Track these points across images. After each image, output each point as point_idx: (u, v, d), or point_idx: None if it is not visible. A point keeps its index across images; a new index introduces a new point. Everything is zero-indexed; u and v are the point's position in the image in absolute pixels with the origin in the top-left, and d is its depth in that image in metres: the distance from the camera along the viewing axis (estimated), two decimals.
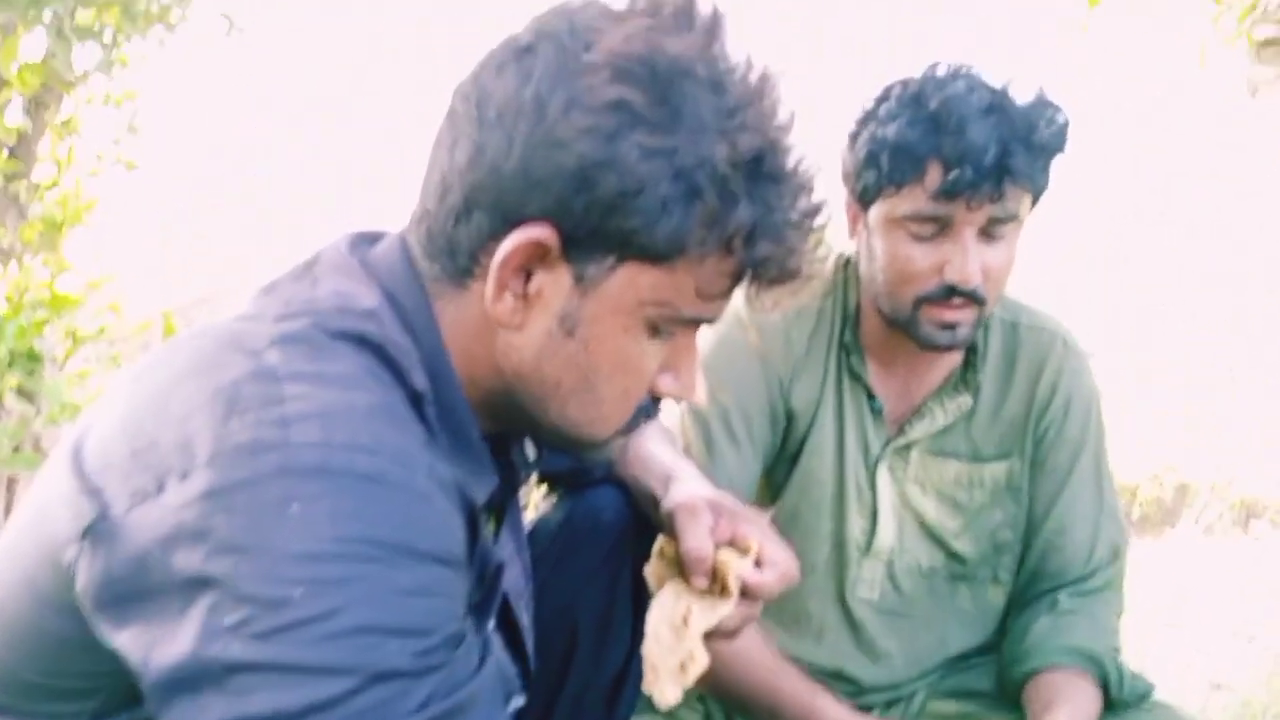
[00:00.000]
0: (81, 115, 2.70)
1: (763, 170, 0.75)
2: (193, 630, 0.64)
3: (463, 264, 0.79)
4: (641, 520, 1.17)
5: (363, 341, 0.75)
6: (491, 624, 0.93)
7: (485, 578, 0.86)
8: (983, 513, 1.49)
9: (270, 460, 0.65)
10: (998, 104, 1.27)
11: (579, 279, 0.77)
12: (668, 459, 1.19)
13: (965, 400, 1.46)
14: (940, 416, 1.46)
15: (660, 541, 1.04)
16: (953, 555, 1.50)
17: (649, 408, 0.90)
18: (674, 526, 1.02)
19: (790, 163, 0.78)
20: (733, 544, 1.01)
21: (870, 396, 1.48)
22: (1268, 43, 2.69)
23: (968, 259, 1.28)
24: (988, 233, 1.30)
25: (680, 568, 1.01)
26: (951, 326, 1.34)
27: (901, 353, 1.46)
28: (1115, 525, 1.50)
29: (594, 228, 0.74)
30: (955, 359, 1.47)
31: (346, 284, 0.80)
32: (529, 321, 0.79)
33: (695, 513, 1.01)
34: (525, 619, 1.02)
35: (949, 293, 1.31)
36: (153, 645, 0.65)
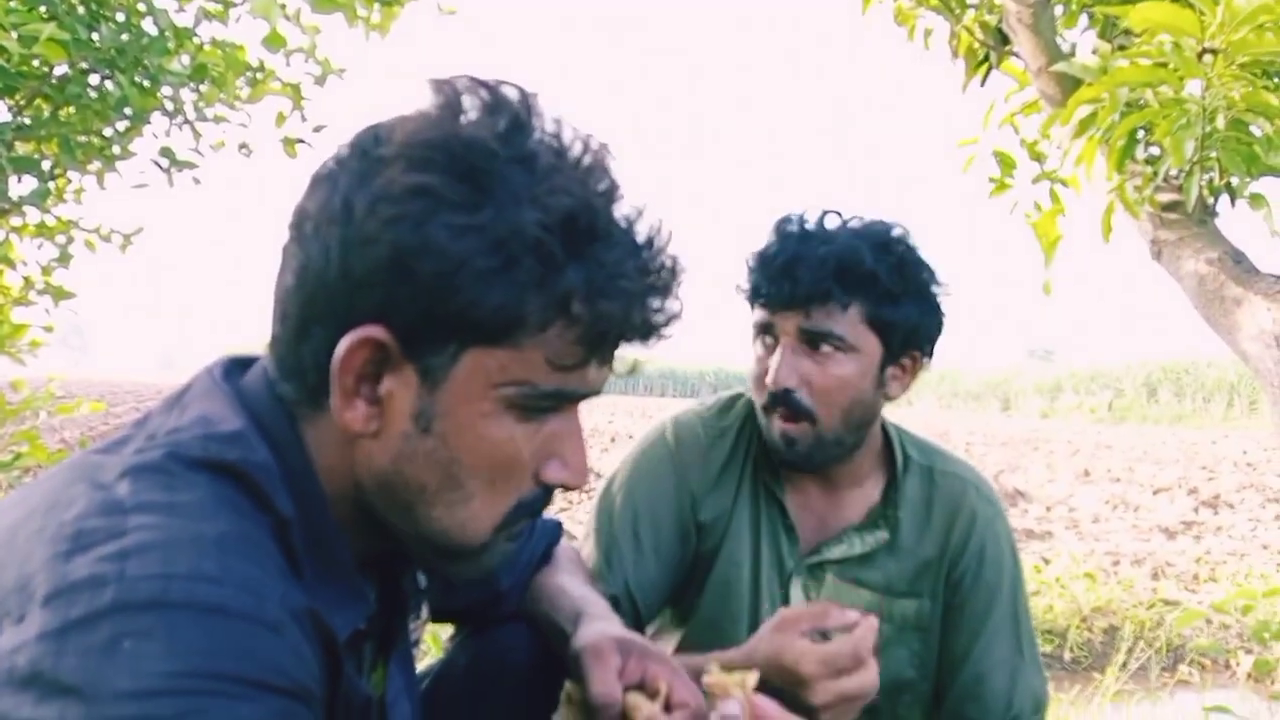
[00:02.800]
0: (14, 244, 2.70)
1: (581, 229, 0.75)
2: None
3: (312, 381, 0.78)
4: (552, 658, 1.14)
5: (222, 469, 0.74)
6: None
7: (351, 715, 0.81)
8: (888, 647, 1.49)
9: (105, 596, 0.62)
10: (816, 231, 1.39)
11: (425, 374, 0.76)
12: (577, 593, 1.18)
13: (883, 535, 1.49)
14: (859, 545, 1.49)
15: (567, 687, 1.02)
16: None
17: (538, 501, 0.85)
18: (580, 669, 0.99)
19: (616, 220, 0.77)
20: (642, 686, 0.98)
21: (784, 513, 1.50)
22: (1169, 206, 2.85)
23: (779, 364, 1.37)
24: (807, 345, 1.38)
25: (588, 713, 0.97)
26: (790, 440, 1.40)
27: (814, 484, 1.50)
28: (1037, 677, 1.50)
29: (424, 316, 0.74)
30: (872, 496, 1.51)
31: (212, 409, 0.79)
32: (385, 427, 0.78)
33: (602, 655, 0.98)
34: None
35: (774, 400, 1.39)
36: None
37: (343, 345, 0.75)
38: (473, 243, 0.73)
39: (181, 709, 0.61)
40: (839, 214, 1.44)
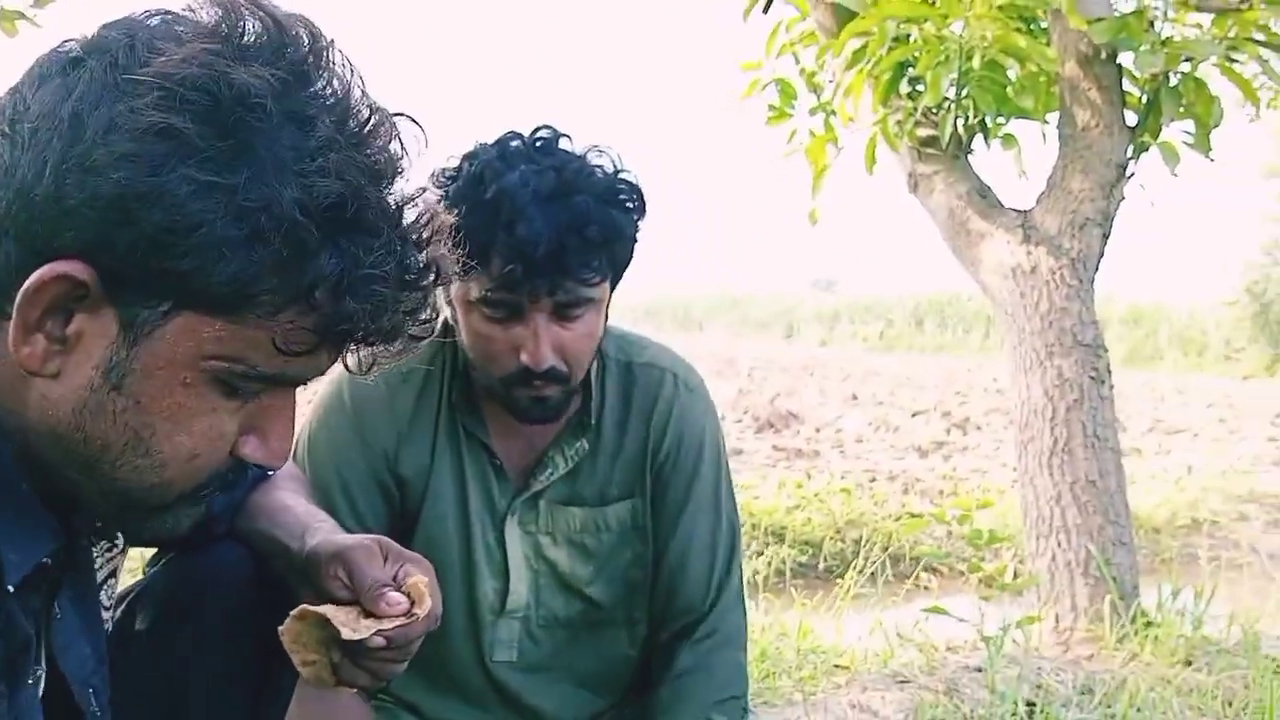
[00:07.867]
0: None
1: (346, 219, 0.69)
2: None
3: None
4: (268, 577, 1.08)
5: None
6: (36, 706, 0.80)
7: (9, 656, 0.73)
8: (613, 555, 1.50)
9: None
10: (559, 192, 1.27)
11: (127, 325, 0.69)
12: (301, 509, 1.12)
13: (584, 445, 1.47)
14: (562, 464, 1.47)
15: (295, 613, 0.95)
16: (589, 602, 1.51)
17: (231, 473, 0.79)
18: (348, 566, 0.96)
19: (384, 211, 0.71)
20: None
21: (490, 454, 1.46)
22: (927, 141, 2.99)
23: (539, 344, 1.30)
24: (561, 315, 1.32)
25: (326, 631, 0.94)
26: (541, 400, 1.36)
27: None
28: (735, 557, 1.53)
29: (140, 267, 0.67)
30: (574, 403, 1.47)
31: None
32: (66, 369, 0.70)
33: (372, 552, 0.97)
34: (95, 704, 0.88)
35: (528, 374, 1.32)
36: None
37: (35, 277, 0.66)
38: (215, 205, 0.66)
39: None
40: (549, 149, 1.33)
